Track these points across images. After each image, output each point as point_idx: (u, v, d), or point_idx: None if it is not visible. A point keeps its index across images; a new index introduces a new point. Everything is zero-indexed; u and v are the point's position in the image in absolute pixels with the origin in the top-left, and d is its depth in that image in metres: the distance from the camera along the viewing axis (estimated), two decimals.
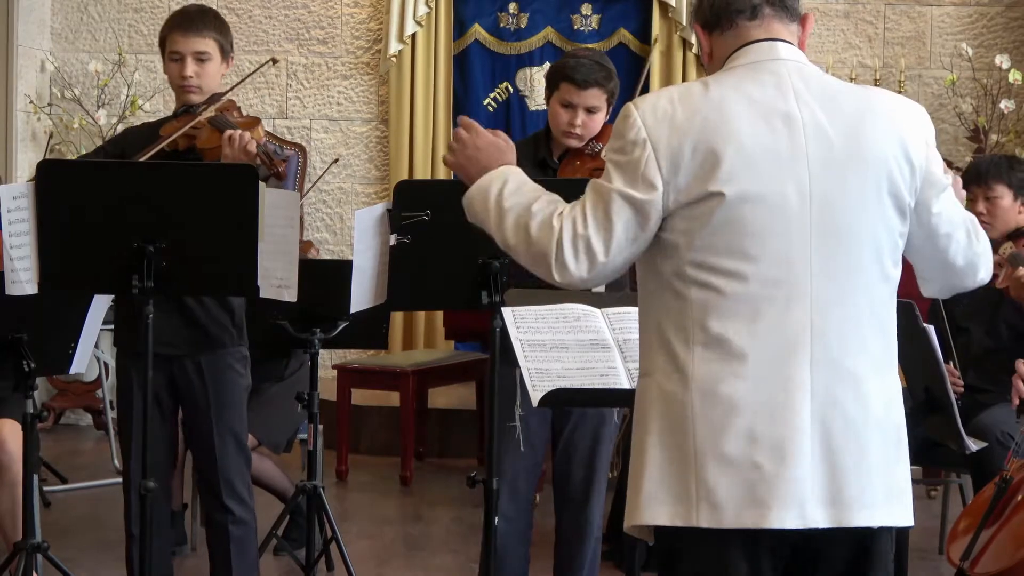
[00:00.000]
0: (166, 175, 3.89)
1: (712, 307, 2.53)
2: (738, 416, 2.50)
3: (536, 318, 3.45)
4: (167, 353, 4.24)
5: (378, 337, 5.99)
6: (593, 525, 4.43)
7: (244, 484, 4.40)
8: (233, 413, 4.35)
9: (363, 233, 3.96)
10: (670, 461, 2.56)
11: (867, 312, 2.57)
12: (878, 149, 2.58)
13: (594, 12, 8.52)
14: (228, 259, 3.84)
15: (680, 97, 2.60)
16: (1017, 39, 8.39)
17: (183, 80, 4.31)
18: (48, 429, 7.99)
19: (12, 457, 4.96)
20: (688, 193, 2.54)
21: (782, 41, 2.67)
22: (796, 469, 2.50)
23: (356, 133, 8.75)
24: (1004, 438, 4.72)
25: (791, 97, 2.58)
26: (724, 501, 2.51)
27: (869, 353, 2.57)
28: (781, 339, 2.52)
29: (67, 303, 4.63)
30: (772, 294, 2.52)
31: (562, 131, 4.36)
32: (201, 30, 4.31)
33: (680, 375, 2.55)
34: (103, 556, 5.56)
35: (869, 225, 2.57)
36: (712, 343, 2.53)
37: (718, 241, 2.53)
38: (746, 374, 2.51)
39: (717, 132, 2.53)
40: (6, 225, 3.80)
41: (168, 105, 8.54)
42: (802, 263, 2.54)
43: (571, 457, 4.39)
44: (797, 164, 2.54)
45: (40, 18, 8.65)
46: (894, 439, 2.59)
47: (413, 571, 5.66)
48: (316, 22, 8.72)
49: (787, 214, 2.53)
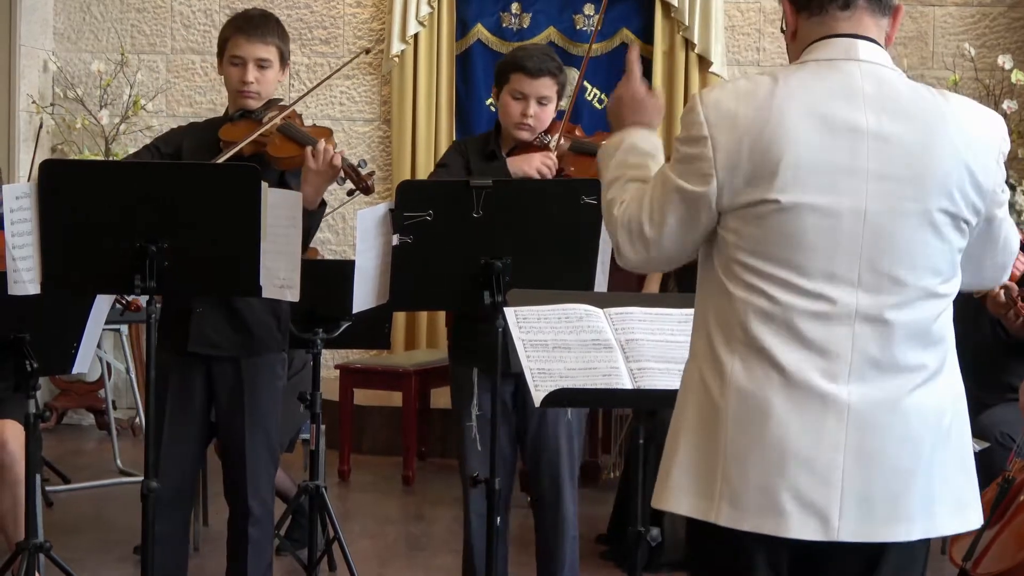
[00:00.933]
0: (168, 175, 3.89)
1: (755, 311, 2.53)
2: (771, 424, 2.50)
3: (538, 318, 3.45)
4: (208, 353, 4.23)
5: (380, 337, 6.00)
6: (568, 523, 4.43)
7: (269, 487, 4.39)
8: (268, 415, 4.33)
9: (365, 233, 3.97)
10: (700, 454, 2.58)
11: (911, 329, 2.53)
12: (941, 168, 2.52)
13: (596, 12, 8.51)
14: (231, 259, 3.84)
15: (746, 94, 2.56)
16: (1020, 39, 8.38)
17: (244, 85, 4.26)
18: (50, 429, 7.99)
19: (13, 457, 4.97)
20: (743, 196, 2.52)
21: (865, 39, 2.60)
22: (825, 481, 2.50)
23: (358, 133, 8.75)
24: (1004, 439, 4.73)
25: (859, 105, 2.53)
26: (746, 504, 2.52)
27: (911, 370, 2.53)
28: (821, 353, 2.51)
29: (69, 303, 4.64)
30: (816, 307, 2.51)
31: (514, 123, 4.35)
32: (265, 36, 4.28)
33: (719, 372, 2.56)
34: (105, 556, 5.56)
35: (923, 245, 2.53)
36: (753, 348, 2.52)
37: (767, 247, 2.52)
38: (783, 385, 2.50)
39: (777, 138, 2.49)
40: (8, 225, 3.80)
41: (171, 106, 8.58)
42: (849, 279, 2.51)
43: (539, 458, 4.41)
44: (855, 179, 2.50)
45: (43, 18, 8.65)
46: (939, 450, 2.55)
47: (415, 571, 5.66)
48: (318, 22, 8.72)
49: (839, 228, 2.50)
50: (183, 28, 8.80)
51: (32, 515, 4.73)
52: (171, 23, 8.81)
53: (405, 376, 7.25)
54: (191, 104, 8.70)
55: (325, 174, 4.08)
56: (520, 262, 3.90)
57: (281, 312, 4.34)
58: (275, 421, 4.38)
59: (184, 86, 8.82)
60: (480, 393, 4.24)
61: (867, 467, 2.50)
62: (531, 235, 3.93)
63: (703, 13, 8.26)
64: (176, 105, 8.77)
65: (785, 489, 2.50)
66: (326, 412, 5.47)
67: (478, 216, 3.89)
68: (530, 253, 3.92)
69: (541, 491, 4.43)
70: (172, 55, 8.83)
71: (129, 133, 8.47)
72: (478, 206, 3.88)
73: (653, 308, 3.36)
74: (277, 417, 4.39)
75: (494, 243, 3.90)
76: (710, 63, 8.29)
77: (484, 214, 3.89)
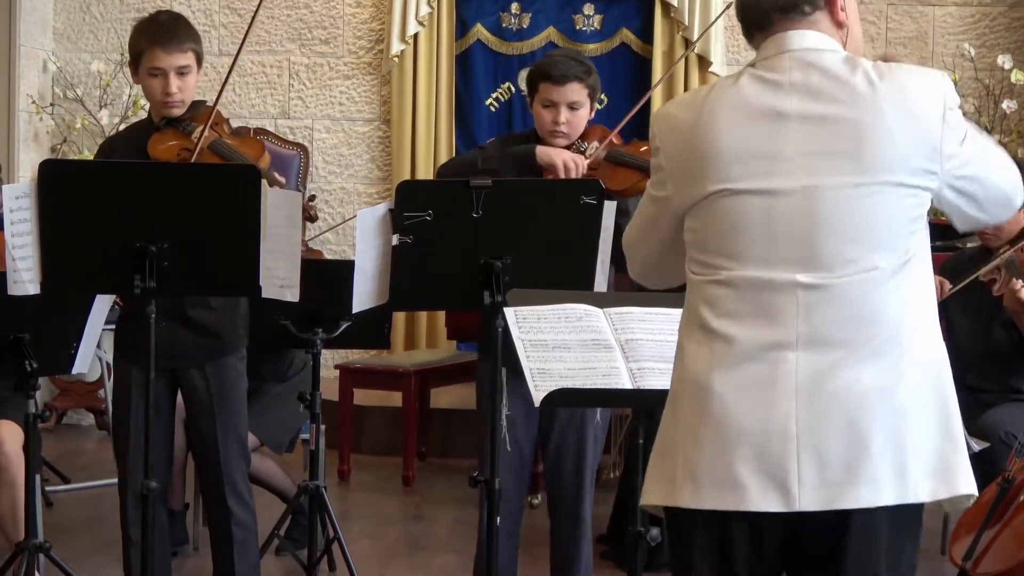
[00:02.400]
0: (168, 175, 3.89)
1: (706, 299, 2.64)
2: (721, 400, 2.56)
3: (538, 318, 3.45)
4: (170, 365, 4.24)
5: (380, 337, 5.99)
6: (586, 524, 4.44)
7: (245, 486, 4.41)
8: (236, 414, 4.36)
9: (365, 233, 3.97)
10: (664, 443, 2.67)
11: (860, 300, 2.56)
12: (883, 142, 2.56)
13: (596, 12, 8.52)
14: (230, 259, 3.84)
15: (686, 102, 2.76)
16: (1019, 39, 8.38)
17: (167, 97, 4.23)
18: (50, 429, 7.99)
19: (11, 458, 4.97)
20: (689, 194, 2.66)
21: (802, 30, 2.65)
22: (780, 451, 2.53)
23: (358, 133, 8.75)
24: (1007, 438, 4.72)
25: (785, 93, 2.61)
26: (705, 481, 2.57)
27: (862, 341, 2.55)
28: (767, 328, 2.57)
29: (69, 303, 4.65)
30: (759, 286, 2.58)
31: (548, 131, 4.36)
32: (183, 44, 4.23)
33: (680, 363, 2.68)
34: (105, 556, 5.56)
35: (864, 219, 2.57)
36: (704, 333, 2.62)
37: (711, 238, 2.64)
38: (731, 362, 2.57)
39: (706, 134, 2.63)
40: (8, 225, 3.80)
41: None
42: (788, 258, 2.58)
43: (561, 458, 4.40)
44: (781, 162, 2.58)
45: (42, 18, 8.65)
46: (897, 414, 2.55)
47: (415, 571, 5.66)
48: (318, 22, 8.72)
49: (773, 210, 2.58)
50: None
51: (32, 515, 4.74)
52: None
53: (405, 376, 7.24)
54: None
55: None
56: (520, 262, 3.90)
57: (240, 310, 4.35)
58: (243, 418, 4.41)
59: None
60: (510, 393, 4.20)
61: (820, 434, 2.53)
62: (531, 235, 3.93)
63: (703, 13, 8.26)
64: None
65: (741, 463, 2.54)
66: (326, 412, 5.47)
67: (478, 216, 3.88)
68: (530, 253, 3.92)
69: (562, 492, 4.41)
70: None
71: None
72: (478, 206, 3.88)
73: (653, 308, 3.37)
74: (244, 414, 4.41)
75: (494, 243, 3.89)
76: (710, 63, 8.29)
77: (484, 214, 3.88)
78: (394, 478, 7.19)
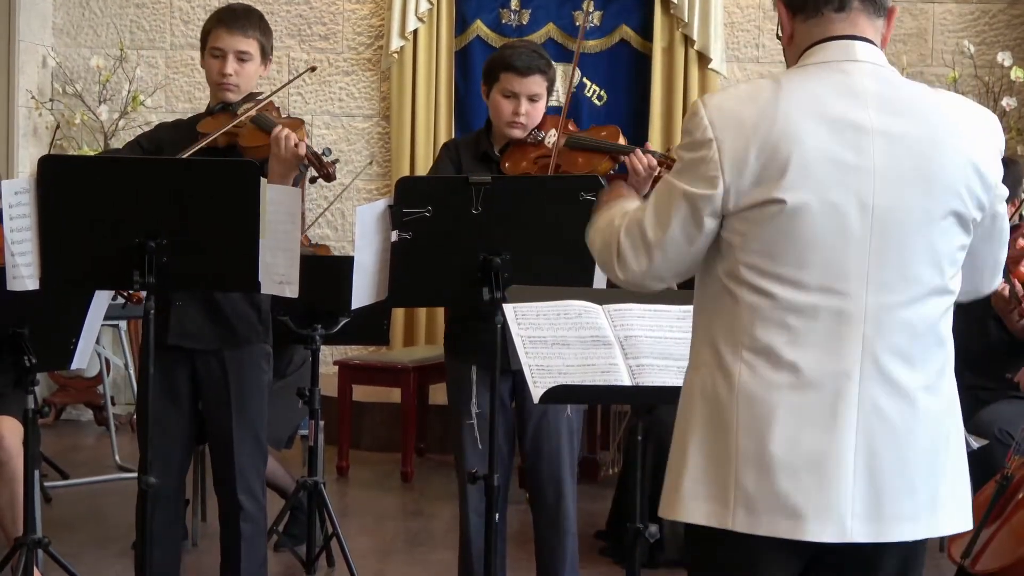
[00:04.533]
0: (168, 170, 3.89)
1: (763, 313, 2.51)
2: (782, 425, 2.49)
3: (537, 315, 3.45)
4: (191, 347, 4.24)
5: (379, 333, 6.00)
6: (569, 520, 4.43)
7: (259, 481, 4.39)
8: (254, 409, 4.33)
9: (364, 229, 3.96)
10: (711, 462, 2.55)
11: (922, 326, 2.53)
12: (949, 165, 2.52)
13: (596, 8, 8.51)
14: (229, 255, 3.83)
15: (749, 97, 2.58)
16: (1019, 36, 8.38)
17: (223, 78, 4.28)
18: (49, 425, 8.00)
19: (10, 453, 4.97)
20: (749, 197, 2.51)
21: (861, 40, 2.60)
22: (837, 482, 2.49)
23: (358, 129, 8.75)
24: (1003, 435, 4.72)
25: (863, 104, 2.53)
26: (761, 508, 2.50)
27: (921, 368, 2.53)
28: (830, 351, 2.50)
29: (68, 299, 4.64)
30: (825, 305, 2.50)
31: (506, 122, 4.36)
32: (247, 29, 4.30)
33: (726, 378, 2.54)
34: (104, 551, 5.57)
35: (930, 241, 2.53)
36: (760, 350, 2.51)
37: (775, 247, 2.50)
38: (793, 385, 2.49)
39: (783, 138, 2.48)
40: (7, 220, 3.80)
41: (170, 101, 8.57)
42: (857, 276, 2.50)
43: (539, 455, 4.39)
44: (861, 176, 2.49)
45: (42, 13, 8.65)
46: (942, 452, 2.55)
47: (413, 567, 5.66)
48: (318, 18, 8.71)
49: (846, 226, 2.49)
50: (182, 24, 8.79)
51: (31, 511, 4.74)
52: (170, 19, 8.80)
53: (404, 372, 7.25)
54: (190, 100, 8.69)
55: (288, 161, 4.09)
56: (519, 258, 3.90)
57: (261, 304, 4.34)
58: (262, 414, 4.38)
59: (183, 82, 8.81)
60: (479, 391, 4.24)
61: (877, 468, 2.49)
62: (530, 231, 3.93)
63: (702, 9, 8.25)
64: (175, 101, 8.77)
65: (799, 492, 2.48)
66: (325, 408, 5.48)
67: (477, 212, 3.88)
68: (529, 249, 3.91)
69: (541, 488, 4.42)
70: (171, 51, 8.82)
71: (128, 129, 8.45)
72: (477, 202, 3.88)
73: (652, 304, 3.36)
74: (264, 410, 4.39)
75: (493, 239, 3.89)
76: (709, 60, 8.28)
77: (483, 210, 3.88)
78: (393, 474, 7.19)
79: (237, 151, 4.21)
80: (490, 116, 4.44)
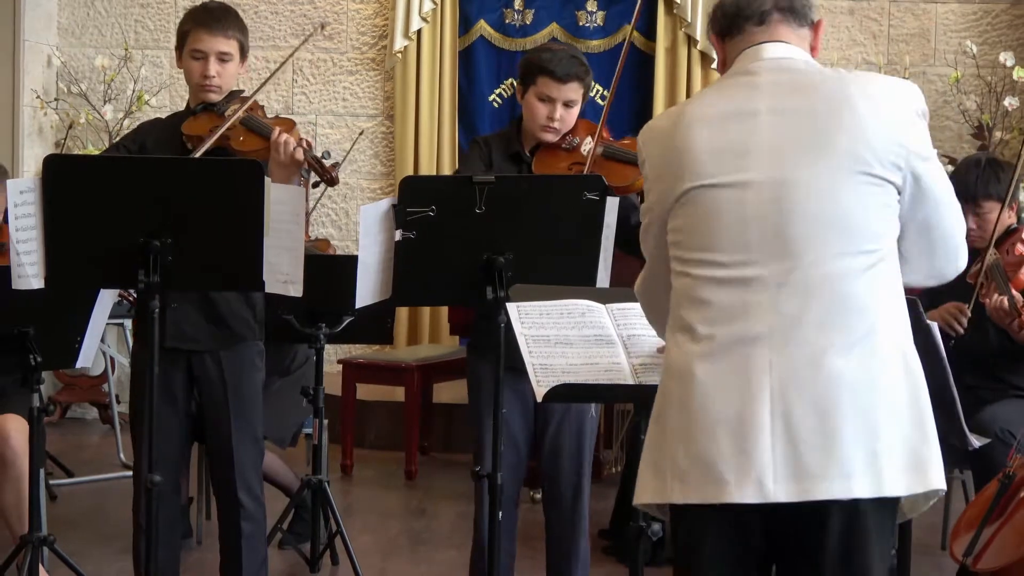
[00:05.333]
0: (172, 170, 3.89)
1: (685, 294, 2.69)
2: (701, 395, 2.61)
3: (540, 314, 3.46)
4: (187, 348, 4.24)
5: (383, 332, 6.00)
6: (584, 520, 4.43)
7: (257, 479, 4.40)
8: (251, 407, 4.35)
9: (368, 229, 3.96)
10: (653, 443, 2.73)
11: (831, 289, 2.60)
12: (851, 129, 2.62)
13: (599, 8, 8.52)
14: (234, 254, 3.84)
15: (667, 114, 2.87)
16: (1022, 36, 8.37)
17: (205, 79, 4.29)
18: (54, 423, 8.01)
19: (16, 452, 4.98)
20: (670, 195, 2.73)
21: (773, 42, 2.74)
22: (756, 445, 2.57)
23: (362, 129, 8.74)
24: (1004, 435, 4.73)
25: (756, 96, 2.69)
26: (691, 477, 2.62)
27: (833, 330, 2.59)
28: (741, 320, 2.61)
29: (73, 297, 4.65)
30: (734, 277, 2.64)
31: (540, 125, 4.34)
32: (227, 30, 4.31)
33: (666, 361, 2.74)
34: (108, 549, 5.58)
35: (837, 202, 2.61)
36: (684, 328, 2.68)
37: (689, 234, 2.70)
38: (706, 354, 2.62)
39: (682, 136, 2.71)
40: (13, 220, 3.80)
41: (175, 101, 8.57)
42: (760, 247, 2.63)
43: (558, 455, 4.39)
44: (753, 155, 2.65)
45: (47, 13, 8.66)
46: (873, 413, 2.59)
47: (417, 565, 5.67)
48: (322, 17, 8.71)
49: (744, 203, 2.64)
50: None
51: (36, 509, 4.75)
52: (175, 18, 8.79)
53: (408, 371, 7.25)
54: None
55: (288, 167, 4.10)
56: (522, 258, 3.90)
57: (256, 303, 4.35)
58: (258, 411, 4.39)
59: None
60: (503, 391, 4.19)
61: (795, 430, 2.56)
62: (533, 231, 3.93)
63: (705, 10, 8.25)
64: (179, 100, 8.75)
65: (721, 458, 2.59)
66: (329, 407, 5.49)
67: (480, 212, 3.88)
68: (532, 249, 3.91)
69: (561, 489, 4.40)
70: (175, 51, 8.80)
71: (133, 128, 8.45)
72: (480, 202, 3.88)
73: None
74: (260, 407, 4.40)
75: (496, 239, 3.89)
76: (712, 60, 8.28)
77: (487, 210, 3.88)
78: (396, 473, 7.20)
79: (228, 154, 4.21)
80: (523, 116, 4.41)
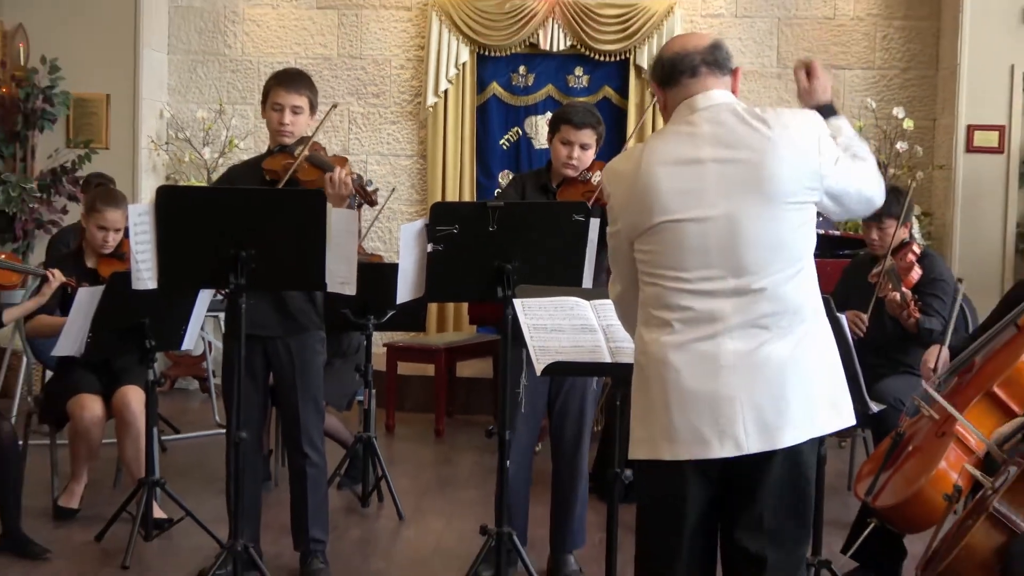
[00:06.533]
0: (256, 199, 3.88)
1: (656, 299, 2.69)
2: (680, 378, 2.63)
3: (539, 307, 3.45)
4: (263, 335, 4.23)
5: (418, 322, 6.00)
6: (583, 470, 4.40)
7: (319, 436, 4.38)
8: (312, 382, 4.33)
9: (407, 243, 3.97)
10: (639, 409, 2.72)
11: (774, 295, 2.63)
12: (778, 173, 2.63)
13: (584, 73, 8.52)
14: (302, 262, 3.83)
15: (625, 157, 2.78)
16: (910, 95, 8.36)
17: (281, 126, 4.27)
18: (165, 392, 8.00)
19: (135, 415, 4.98)
20: (639, 225, 2.70)
21: (707, 91, 2.71)
22: (730, 412, 2.61)
23: (402, 166, 8.74)
24: (896, 403, 4.73)
25: (699, 144, 2.66)
26: (680, 439, 2.64)
27: (772, 326, 2.63)
28: (707, 322, 2.63)
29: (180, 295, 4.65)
30: (700, 289, 2.64)
31: (562, 163, 4.32)
32: (300, 89, 4.29)
33: (641, 346, 2.73)
34: (207, 490, 5.57)
35: (772, 234, 2.64)
36: (656, 322, 2.68)
37: (661, 256, 2.68)
38: (681, 347, 2.63)
39: (647, 181, 2.67)
40: (132, 236, 3.81)
41: (258, 145, 8.55)
42: (719, 266, 2.64)
43: (565, 417, 4.37)
44: (707, 197, 2.64)
45: (159, 76, 8.66)
46: (805, 381, 2.64)
47: (445, 502, 5.65)
48: (371, 80, 8.71)
49: (707, 233, 2.63)
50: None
51: (150, 458, 4.76)
52: (258, 79, 8.79)
53: (437, 352, 7.24)
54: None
55: (342, 196, 4.10)
56: (525, 265, 3.89)
57: (317, 299, 4.34)
58: (319, 385, 4.36)
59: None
60: (528, 368, 4.14)
61: (757, 397, 2.61)
62: (534, 244, 3.92)
63: None
64: (262, 144, 8.73)
65: (701, 422, 2.61)
66: (376, 380, 5.49)
67: (493, 229, 3.88)
68: (533, 258, 3.91)
69: (564, 444, 4.37)
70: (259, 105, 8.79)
71: (226, 165, 8.44)
72: (493, 221, 3.88)
73: None
74: (320, 381, 4.37)
75: (506, 250, 3.89)
76: None
77: (498, 228, 3.88)
78: (428, 431, 7.18)
79: (296, 183, 4.19)
80: (551, 157, 4.39)
